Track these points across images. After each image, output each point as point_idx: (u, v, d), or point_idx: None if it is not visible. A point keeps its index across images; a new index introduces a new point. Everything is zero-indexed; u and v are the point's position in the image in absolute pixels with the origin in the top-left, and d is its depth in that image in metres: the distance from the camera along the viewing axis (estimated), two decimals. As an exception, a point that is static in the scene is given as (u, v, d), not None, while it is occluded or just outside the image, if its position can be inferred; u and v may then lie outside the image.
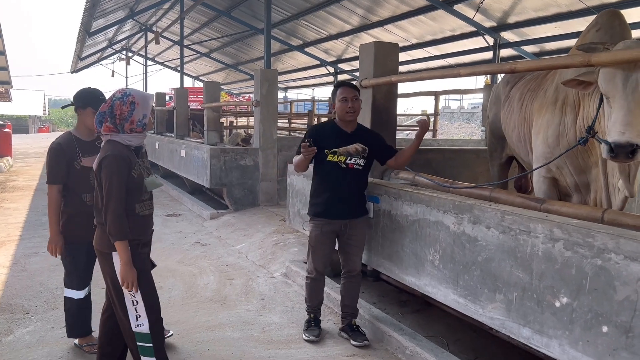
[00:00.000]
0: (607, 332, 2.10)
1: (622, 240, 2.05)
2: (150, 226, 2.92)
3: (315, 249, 3.63)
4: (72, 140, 3.32)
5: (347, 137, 3.56)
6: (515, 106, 4.31)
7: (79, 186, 3.29)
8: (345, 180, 3.51)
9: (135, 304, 2.75)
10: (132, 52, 25.30)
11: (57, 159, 3.25)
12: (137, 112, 2.73)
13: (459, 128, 28.69)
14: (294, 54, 16.80)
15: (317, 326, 3.71)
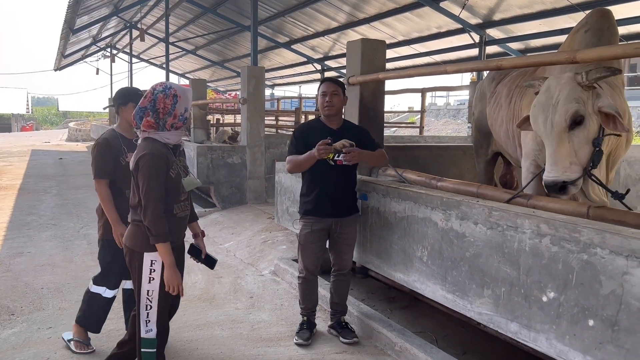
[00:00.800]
0: (593, 325, 2.13)
1: (607, 235, 2.07)
2: (184, 228, 2.84)
3: (306, 247, 3.60)
4: (117, 137, 3.35)
5: (334, 133, 3.49)
6: (503, 102, 4.34)
7: (123, 182, 3.27)
8: (334, 178, 3.47)
9: (148, 308, 2.69)
10: (116, 49, 25.07)
11: (104, 154, 3.27)
12: (180, 106, 2.66)
13: (445, 125, 28.80)
14: (280, 51, 16.76)
15: (309, 329, 3.66)
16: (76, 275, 4.95)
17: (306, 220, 3.57)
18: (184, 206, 2.79)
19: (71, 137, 28.22)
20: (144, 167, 2.57)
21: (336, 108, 3.52)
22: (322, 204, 3.50)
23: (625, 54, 2.68)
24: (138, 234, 2.66)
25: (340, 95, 3.53)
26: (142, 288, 2.66)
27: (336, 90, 3.51)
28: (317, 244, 3.58)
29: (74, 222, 7.33)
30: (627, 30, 8.45)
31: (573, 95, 2.71)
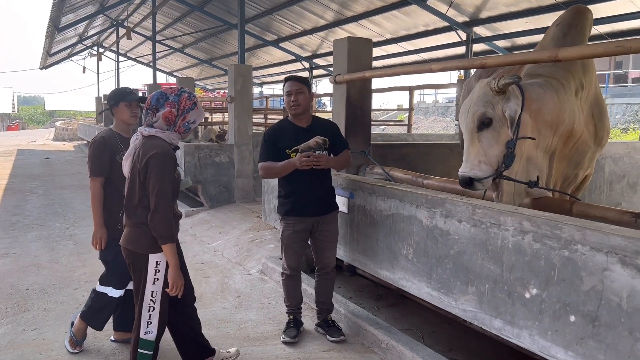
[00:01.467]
0: (574, 321, 2.15)
1: (588, 231, 2.09)
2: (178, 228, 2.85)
3: (289, 247, 3.58)
4: (114, 136, 3.38)
5: (304, 132, 3.45)
6: None
7: (120, 181, 3.22)
8: (313, 177, 3.42)
9: (151, 310, 2.71)
10: (103, 47, 24.88)
11: (100, 152, 3.29)
12: (193, 113, 2.73)
13: (433, 122, 28.90)
14: (268, 49, 16.73)
15: (295, 327, 3.65)
16: (62, 276, 4.91)
17: (288, 221, 3.54)
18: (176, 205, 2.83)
19: (58, 137, 27.95)
20: (156, 167, 2.56)
21: (302, 107, 3.45)
22: (304, 203, 3.47)
23: (607, 52, 2.71)
24: (141, 235, 2.65)
25: (306, 93, 3.47)
26: (146, 289, 2.67)
27: (300, 88, 3.45)
28: (300, 244, 3.58)
29: (60, 223, 7.27)
30: (611, 28, 8.53)
31: (484, 99, 2.84)
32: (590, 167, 3.74)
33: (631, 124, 17.27)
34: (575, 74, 3.33)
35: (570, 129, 3.22)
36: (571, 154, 3.43)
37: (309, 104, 3.55)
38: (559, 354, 2.22)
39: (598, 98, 3.65)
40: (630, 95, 18.80)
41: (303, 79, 3.61)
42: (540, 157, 3.09)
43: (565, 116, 3.13)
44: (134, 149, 2.71)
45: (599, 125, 3.58)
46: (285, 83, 3.54)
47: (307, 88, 3.51)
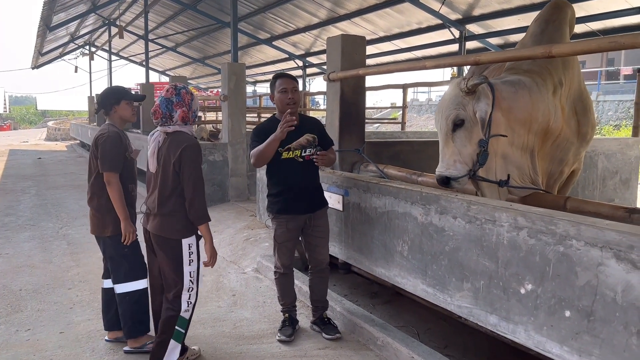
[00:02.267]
0: (569, 316, 2.15)
1: (582, 227, 2.10)
2: None
3: (282, 245, 3.57)
4: (122, 133, 3.38)
5: (294, 130, 3.35)
6: None
7: (128, 178, 3.35)
8: (304, 174, 3.45)
9: (190, 290, 3.00)
10: (95, 46, 24.74)
11: (117, 147, 3.29)
12: (194, 103, 3.00)
13: (427, 120, 28.90)
14: (262, 47, 16.69)
15: (291, 326, 3.63)
16: (55, 276, 4.88)
17: (280, 219, 3.51)
18: None
19: (50, 137, 27.80)
20: (190, 158, 2.86)
21: (297, 104, 3.47)
22: (296, 202, 3.46)
23: (600, 48, 2.71)
24: (174, 223, 2.93)
25: (299, 91, 3.56)
26: (184, 272, 2.95)
27: (295, 86, 3.48)
28: (293, 242, 3.59)
29: (53, 223, 7.22)
30: (603, 25, 8.56)
31: (455, 101, 2.89)
32: (577, 162, 3.76)
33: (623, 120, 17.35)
34: (554, 71, 3.34)
35: (545, 127, 3.24)
36: (553, 151, 3.45)
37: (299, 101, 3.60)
38: (554, 349, 2.22)
39: (582, 94, 3.65)
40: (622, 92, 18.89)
41: (294, 76, 3.61)
42: (517, 154, 3.11)
43: (539, 114, 3.15)
44: (157, 146, 2.96)
45: (583, 120, 3.58)
46: (276, 80, 3.49)
47: (298, 85, 3.56)
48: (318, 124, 3.68)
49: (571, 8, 3.79)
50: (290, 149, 3.39)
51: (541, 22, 3.67)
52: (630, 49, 2.94)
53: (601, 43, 2.71)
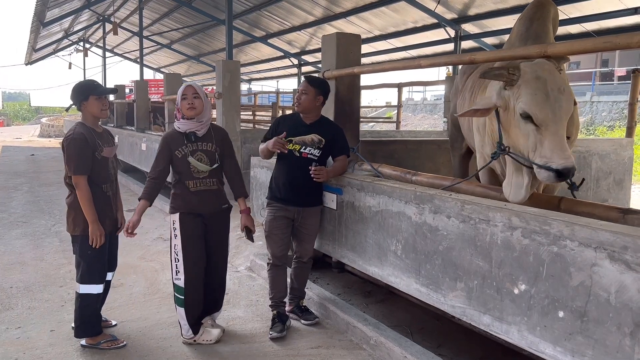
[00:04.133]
0: (563, 317, 2.15)
1: (576, 227, 2.09)
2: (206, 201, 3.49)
3: (270, 234, 3.73)
4: (91, 132, 3.33)
5: (305, 127, 3.68)
6: (467, 97, 4.37)
7: (99, 177, 3.33)
8: (299, 169, 3.60)
9: (176, 261, 3.39)
10: (89, 43, 24.61)
11: (83, 149, 3.23)
12: (177, 100, 3.39)
13: (422, 120, 28.96)
14: (257, 45, 16.63)
15: (281, 322, 3.66)
16: (47, 274, 4.84)
17: (271, 207, 3.74)
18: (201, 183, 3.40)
19: (43, 133, 27.62)
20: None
21: (303, 106, 3.65)
22: (286, 192, 3.67)
23: (595, 47, 2.70)
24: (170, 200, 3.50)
25: (309, 95, 3.63)
26: (170, 245, 3.45)
27: (305, 89, 3.65)
28: (282, 231, 3.70)
29: (46, 220, 7.18)
30: (598, 26, 8.58)
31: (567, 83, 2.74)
32: None
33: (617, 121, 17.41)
34: None
35: None
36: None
37: (313, 105, 3.67)
38: (547, 350, 2.22)
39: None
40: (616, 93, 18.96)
41: (315, 81, 3.76)
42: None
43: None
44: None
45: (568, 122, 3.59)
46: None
47: (315, 90, 3.66)
48: (335, 130, 3.81)
49: (554, 6, 3.80)
50: (292, 141, 3.64)
51: (525, 20, 3.67)
52: (625, 49, 2.93)
53: (596, 43, 2.70)
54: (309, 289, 4.10)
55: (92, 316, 3.39)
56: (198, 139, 3.41)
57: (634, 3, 7.51)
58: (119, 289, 4.47)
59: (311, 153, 3.64)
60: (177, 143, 3.38)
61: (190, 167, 3.37)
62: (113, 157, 3.50)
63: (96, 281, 3.36)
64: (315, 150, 3.64)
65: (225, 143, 3.57)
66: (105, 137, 3.45)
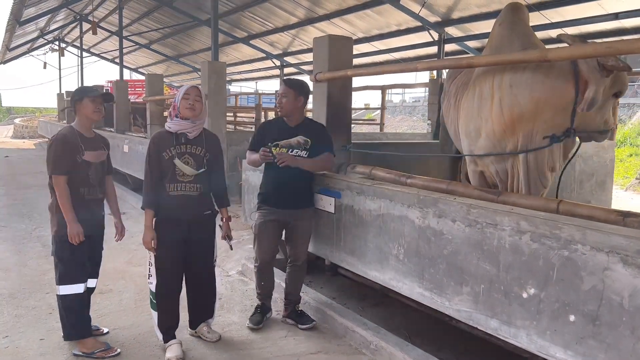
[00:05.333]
0: (574, 321, 2.15)
1: (588, 231, 2.10)
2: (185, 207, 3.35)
3: (260, 237, 3.72)
4: (75, 134, 3.30)
5: (290, 130, 3.69)
6: (452, 101, 4.40)
7: (78, 180, 3.27)
8: (288, 172, 3.56)
9: (149, 264, 3.33)
10: (65, 42, 24.13)
11: (62, 150, 3.22)
12: (176, 98, 3.30)
13: (401, 121, 29.15)
14: (238, 46, 16.52)
15: (261, 313, 3.79)
16: (32, 280, 4.70)
17: (261, 210, 3.73)
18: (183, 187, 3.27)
19: (17, 134, 27.00)
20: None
21: (285, 109, 3.67)
22: (276, 196, 3.67)
23: (597, 52, 2.74)
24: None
25: (289, 97, 3.64)
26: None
27: (285, 93, 3.65)
28: (271, 234, 3.71)
29: (26, 224, 6.98)
30: (579, 30, 8.72)
31: None
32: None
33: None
34: None
35: None
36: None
37: (294, 107, 3.67)
38: (558, 354, 2.22)
39: None
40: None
41: (294, 83, 3.75)
42: None
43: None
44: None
45: None
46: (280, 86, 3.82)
47: (294, 92, 3.65)
48: (318, 129, 3.85)
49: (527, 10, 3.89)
50: (278, 145, 3.63)
51: (508, 23, 3.72)
52: (626, 54, 2.99)
53: (598, 48, 2.74)
54: (304, 292, 4.05)
55: (77, 317, 3.30)
56: (188, 141, 3.32)
57: (614, 8, 7.66)
58: (107, 295, 4.37)
59: (298, 155, 3.64)
60: (166, 144, 3.29)
61: (176, 170, 3.26)
62: (101, 162, 3.43)
63: (75, 281, 3.29)
64: (303, 152, 3.66)
65: (215, 150, 3.46)
66: (94, 143, 3.40)
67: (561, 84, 3.02)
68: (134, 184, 9.50)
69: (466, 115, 3.71)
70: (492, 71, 3.41)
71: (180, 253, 3.33)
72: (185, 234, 3.31)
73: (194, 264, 3.41)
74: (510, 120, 3.24)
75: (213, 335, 3.51)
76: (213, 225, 3.48)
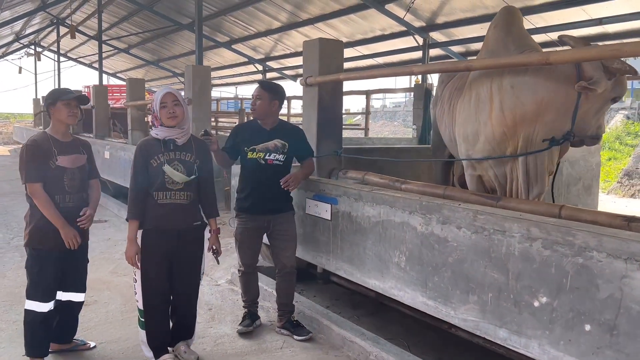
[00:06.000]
0: (590, 330, 2.09)
1: (604, 238, 2.04)
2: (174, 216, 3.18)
3: (242, 244, 3.71)
4: (48, 139, 3.11)
5: (265, 133, 3.64)
6: (445, 106, 4.34)
7: (52, 188, 3.07)
8: (266, 177, 3.55)
9: (135, 281, 3.15)
10: (41, 47, 23.65)
11: (34, 156, 3.03)
12: (154, 106, 3.13)
13: (382, 126, 29.25)
14: (219, 50, 16.32)
15: (250, 319, 3.76)
16: (11, 292, 4.51)
17: (240, 217, 3.70)
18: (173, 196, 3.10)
19: (-9, 140, 26.35)
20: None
21: (259, 112, 3.63)
22: (255, 202, 3.61)
23: (601, 55, 2.68)
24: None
25: (264, 100, 3.60)
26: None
27: (259, 94, 3.62)
28: (253, 241, 3.72)
29: (3, 233, 6.74)
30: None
31: None
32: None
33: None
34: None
35: None
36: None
37: (269, 110, 3.64)
38: (572, 364, 2.15)
39: None
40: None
41: (268, 86, 3.74)
42: None
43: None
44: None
45: None
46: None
47: (268, 95, 3.62)
48: (296, 132, 3.82)
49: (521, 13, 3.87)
50: (255, 149, 3.58)
51: (503, 26, 3.69)
52: (631, 57, 2.95)
53: (602, 51, 2.69)
54: (297, 302, 3.95)
55: (33, 336, 3.12)
56: (177, 148, 3.15)
57: (598, 14, 7.73)
58: (93, 306, 4.20)
59: (277, 159, 3.60)
60: (154, 151, 3.12)
61: (165, 177, 3.08)
62: (79, 168, 3.21)
63: (39, 299, 3.09)
64: (280, 156, 3.61)
65: (204, 156, 3.29)
66: (70, 147, 3.19)
67: (564, 84, 2.97)
68: (115, 191, 9.28)
69: (463, 120, 3.65)
70: (490, 74, 3.35)
71: (167, 268, 3.16)
72: (174, 246, 3.14)
73: (179, 281, 3.21)
74: (512, 121, 3.18)
75: (190, 356, 3.26)
76: (202, 239, 3.30)
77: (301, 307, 3.94)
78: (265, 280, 4.44)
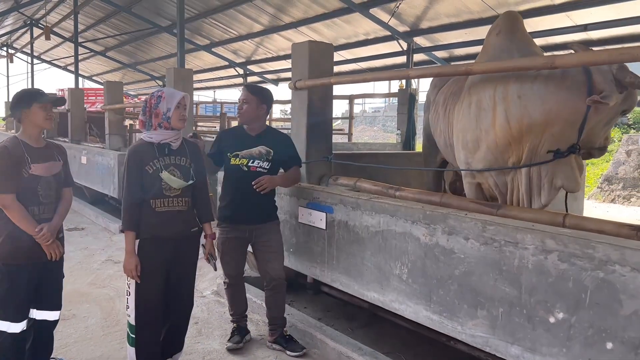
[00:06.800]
0: (612, 348, 1.98)
1: (627, 251, 1.93)
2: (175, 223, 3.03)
3: (224, 255, 3.53)
4: (20, 145, 2.82)
5: (251, 140, 3.50)
6: (440, 111, 4.23)
7: (25, 199, 2.78)
8: (249, 184, 3.35)
9: (128, 294, 2.97)
10: (14, 48, 23.05)
11: (4, 165, 2.73)
12: (162, 105, 2.90)
13: (362, 131, 29.22)
14: (199, 53, 16.07)
15: (239, 334, 3.61)
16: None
17: (222, 227, 3.52)
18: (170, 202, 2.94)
19: (-40, 144, 25.54)
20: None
21: (245, 116, 3.49)
22: (237, 211, 3.47)
23: (611, 59, 2.60)
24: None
25: (251, 104, 3.45)
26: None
27: (246, 98, 3.46)
28: (235, 251, 3.56)
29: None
30: (546, 42, 8.79)
31: None
32: None
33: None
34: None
35: None
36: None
37: (255, 114, 3.49)
38: (592, 384, 2.04)
39: None
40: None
41: (255, 89, 3.57)
42: None
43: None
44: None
45: None
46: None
47: (256, 98, 3.47)
48: (283, 140, 3.66)
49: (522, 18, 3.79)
50: (238, 155, 3.45)
51: (506, 32, 3.58)
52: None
53: (612, 55, 2.60)
54: (288, 314, 3.78)
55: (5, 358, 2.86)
56: (172, 152, 2.98)
57: (583, 20, 7.76)
58: (71, 321, 3.97)
59: (260, 166, 3.44)
60: (148, 157, 2.94)
61: (162, 184, 2.91)
62: (55, 176, 2.94)
63: (10, 318, 2.82)
64: (265, 163, 3.44)
65: (198, 159, 3.13)
66: (44, 153, 2.91)
67: (574, 95, 2.87)
68: (92, 198, 8.98)
69: (462, 127, 3.53)
70: (492, 81, 3.24)
71: (164, 279, 2.98)
72: (171, 254, 2.96)
73: (175, 290, 3.04)
74: (518, 132, 3.07)
75: None
76: (198, 245, 3.16)
77: (292, 319, 3.77)
78: (253, 291, 4.26)
